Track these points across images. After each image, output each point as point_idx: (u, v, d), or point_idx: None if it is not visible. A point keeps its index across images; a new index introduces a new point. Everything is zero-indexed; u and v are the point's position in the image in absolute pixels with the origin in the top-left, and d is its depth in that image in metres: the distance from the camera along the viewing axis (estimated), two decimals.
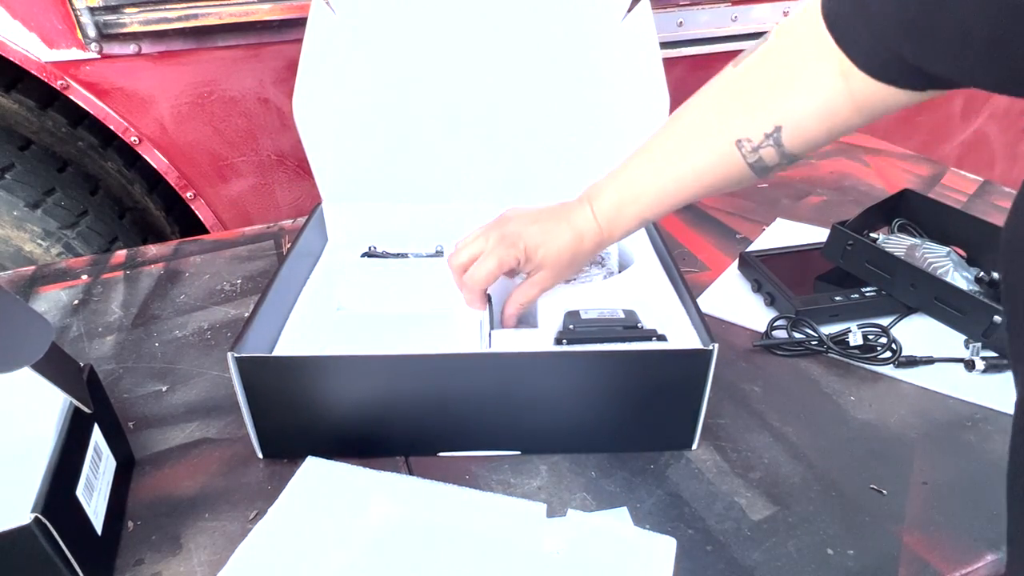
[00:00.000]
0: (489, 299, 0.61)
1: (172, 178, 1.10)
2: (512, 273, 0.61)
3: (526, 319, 0.64)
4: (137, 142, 1.05)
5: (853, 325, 0.69)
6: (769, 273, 0.76)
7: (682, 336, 0.58)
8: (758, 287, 0.77)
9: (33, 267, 0.88)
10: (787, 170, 1.10)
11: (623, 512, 0.51)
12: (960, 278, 0.71)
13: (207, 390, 0.65)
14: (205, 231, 1.16)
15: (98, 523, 0.47)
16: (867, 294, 0.73)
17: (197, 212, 1.15)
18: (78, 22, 0.94)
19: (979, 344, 0.66)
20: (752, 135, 0.49)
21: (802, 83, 0.47)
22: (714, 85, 0.53)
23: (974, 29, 0.36)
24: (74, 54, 0.96)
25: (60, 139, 1.14)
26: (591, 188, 0.59)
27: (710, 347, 0.52)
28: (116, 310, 0.79)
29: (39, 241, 1.08)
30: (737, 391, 0.64)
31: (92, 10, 0.93)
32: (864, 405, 0.62)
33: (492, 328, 0.59)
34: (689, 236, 0.92)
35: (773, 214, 0.97)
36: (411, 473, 0.55)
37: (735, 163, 0.51)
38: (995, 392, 0.63)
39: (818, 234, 0.87)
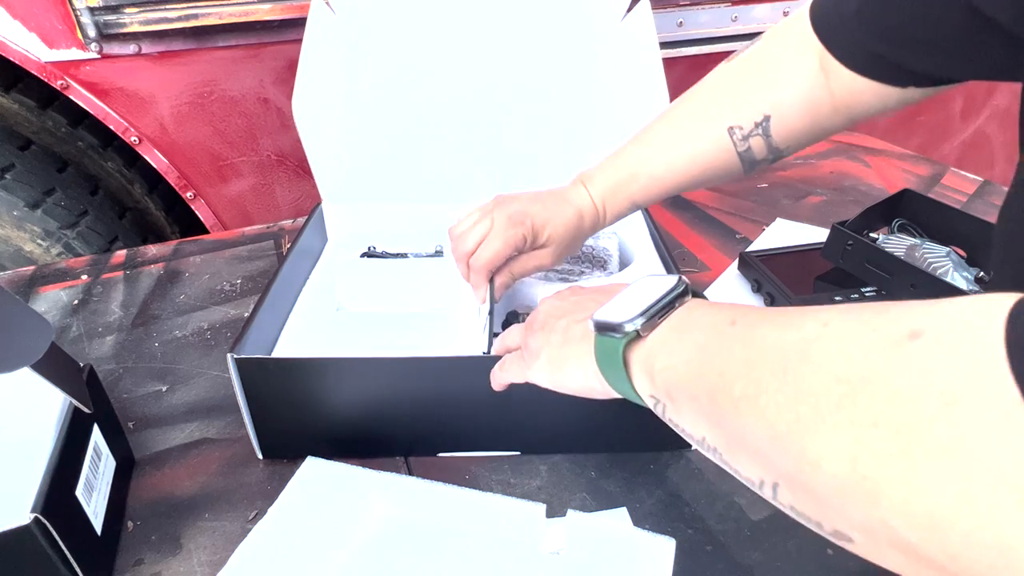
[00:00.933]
0: (491, 279, 0.59)
1: (172, 178, 1.10)
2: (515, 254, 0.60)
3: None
4: (137, 142, 1.05)
5: None
6: (769, 273, 0.76)
7: None
8: (758, 287, 0.77)
9: (33, 267, 0.88)
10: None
11: (623, 512, 0.51)
12: (960, 278, 0.71)
13: (207, 390, 0.65)
14: (205, 231, 1.16)
15: (98, 523, 0.47)
16: (867, 294, 0.73)
17: (197, 212, 1.15)
18: (78, 22, 0.94)
19: None
20: (743, 123, 0.52)
21: (787, 76, 0.50)
22: (709, 79, 0.55)
23: (945, 31, 0.38)
24: (74, 54, 0.96)
25: (60, 139, 1.14)
26: (584, 172, 0.60)
27: None
28: (116, 310, 0.78)
29: (39, 241, 1.08)
30: None
31: (92, 10, 0.93)
32: None
33: (493, 304, 0.57)
34: (689, 236, 0.92)
35: (773, 214, 0.97)
36: (411, 473, 0.55)
37: (726, 151, 0.53)
38: None
39: (818, 234, 0.87)
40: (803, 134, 0.52)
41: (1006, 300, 0.19)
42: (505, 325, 0.61)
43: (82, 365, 0.52)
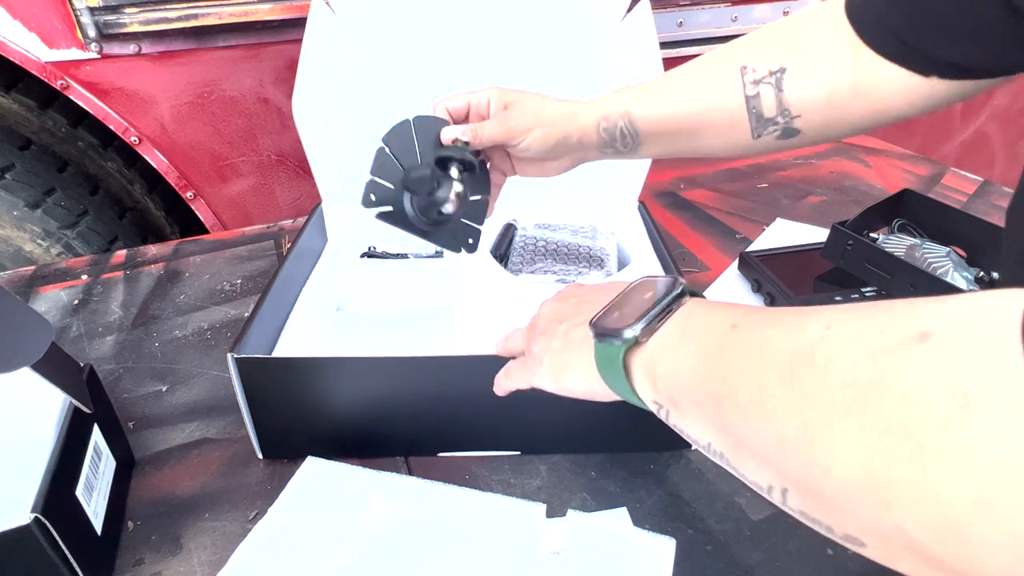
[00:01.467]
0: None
1: (172, 178, 1.10)
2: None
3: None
4: (137, 142, 1.05)
5: None
6: (769, 273, 0.76)
7: None
8: (758, 287, 0.77)
9: (33, 267, 0.88)
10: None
11: (623, 512, 0.51)
12: (960, 278, 0.71)
13: (207, 390, 0.65)
14: (205, 231, 1.16)
15: (98, 523, 0.47)
16: (867, 294, 0.73)
17: (197, 212, 1.15)
18: (78, 22, 0.94)
19: None
20: (757, 65, 0.50)
21: (814, 42, 0.49)
22: (735, 40, 0.54)
23: (970, 16, 0.37)
24: (74, 54, 0.96)
25: (60, 139, 1.14)
26: None
27: None
28: (116, 310, 0.79)
29: (39, 241, 1.08)
30: None
31: (92, 10, 0.93)
32: None
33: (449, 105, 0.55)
34: (689, 236, 0.92)
35: (773, 214, 0.97)
36: (411, 473, 0.55)
37: (733, 88, 0.51)
38: None
39: (818, 234, 0.87)
40: (818, 108, 0.49)
41: (1019, 296, 0.19)
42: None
43: (82, 365, 0.52)
